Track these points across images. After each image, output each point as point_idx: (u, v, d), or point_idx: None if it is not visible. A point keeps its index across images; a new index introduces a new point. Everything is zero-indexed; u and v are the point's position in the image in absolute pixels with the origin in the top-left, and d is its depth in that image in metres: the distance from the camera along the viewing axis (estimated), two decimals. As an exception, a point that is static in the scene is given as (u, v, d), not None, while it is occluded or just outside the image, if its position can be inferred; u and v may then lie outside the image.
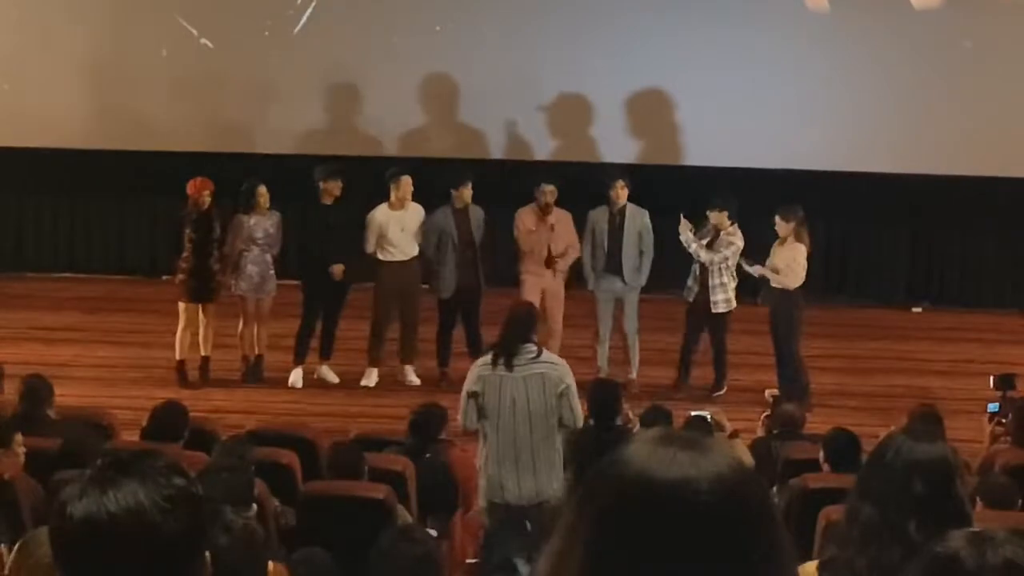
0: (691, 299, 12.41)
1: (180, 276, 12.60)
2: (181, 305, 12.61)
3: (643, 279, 12.62)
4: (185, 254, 12.54)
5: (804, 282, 12.11)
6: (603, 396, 8.99)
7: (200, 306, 12.55)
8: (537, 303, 12.54)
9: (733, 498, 1.92)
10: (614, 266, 12.55)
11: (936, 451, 3.64)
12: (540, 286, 12.60)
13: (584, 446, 8.59)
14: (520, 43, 15.12)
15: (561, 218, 12.62)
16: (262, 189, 12.56)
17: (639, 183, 12.80)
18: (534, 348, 8.29)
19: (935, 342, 14.25)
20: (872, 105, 14.80)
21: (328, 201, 12.65)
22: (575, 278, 12.84)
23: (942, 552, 2.45)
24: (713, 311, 12.29)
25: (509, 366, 8.20)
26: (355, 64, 15.39)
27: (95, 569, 2.33)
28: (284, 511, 7.69)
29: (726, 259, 12.24)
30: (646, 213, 12.60)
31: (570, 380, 8.29)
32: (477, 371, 8.37)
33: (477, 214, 12.74)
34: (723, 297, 12.29)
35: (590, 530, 1.95)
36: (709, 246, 12.26)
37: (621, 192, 12.54)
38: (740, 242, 12.28)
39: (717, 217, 12.32)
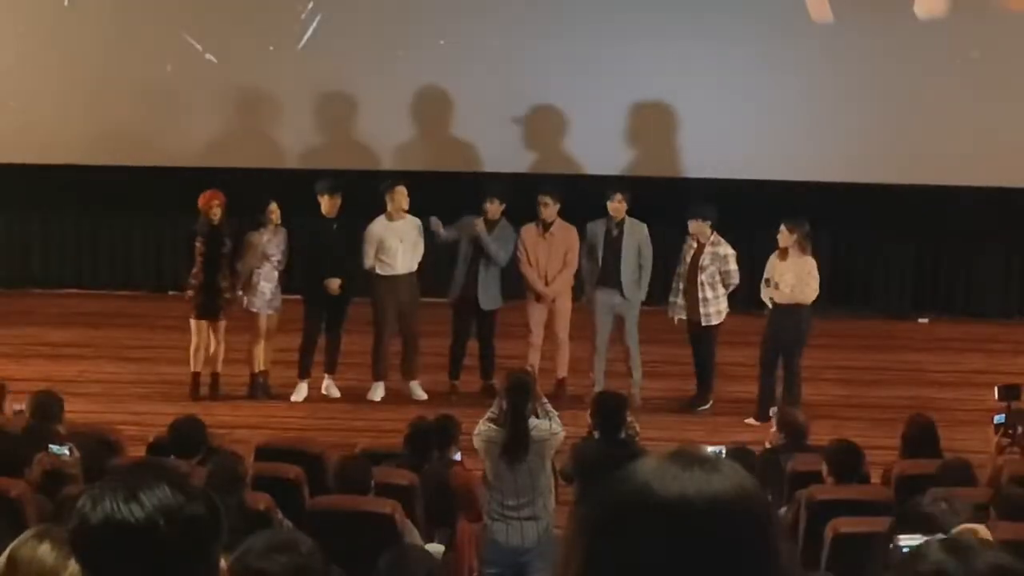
0: (683, 316, 12.35)
1: (189, 292, 12.61)
2: (192, 323, 12.63)
3: (643, 294, 12.58)
4: (195, 269, 12.54)
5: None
6: (608, 408, 8.99)
7: (209, 322, 12.57)
8: (543, 323, 12.62)
9: (728, 521, 1.92)
10: (612, 280, 12.52)
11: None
12: (544, 308, 12.64)
13: (589, 458, 8.61)
14: (522, 57, 15.13)
15: (561, 233, 12.59)
16: (273, 206, 12.54)
17: (639, 195, 12.80)
18: (533, 421, 8.40)
19: (941, 353, 14.23)
20: (877, 115, 14.80)
21: (330, 215, 12.65)
22: (577, 292, 12.82)
23: (924, 568, 2.41)
24: (704, 324, 12.25)
25: (514, 461, 8.30)
26: (359, 79, 15.41)
27: (114, 569, 2.43)
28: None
29: (731, 273, 12.23)
30: (645, 227, 12.56)
31: (558, 443, 8.52)
32: (483, 438, 8.43)
33: (502, 231, 12.66)
34: (715, 310, 12.25)
35: (589, 537, 1.97)
36: (694, 260, 12.20)
37: (619, 206, 12.52)
38: (731, 250, 12.27)
39: (699, 227, 12.24)
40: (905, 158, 14.90)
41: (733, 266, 12.25)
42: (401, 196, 12.63)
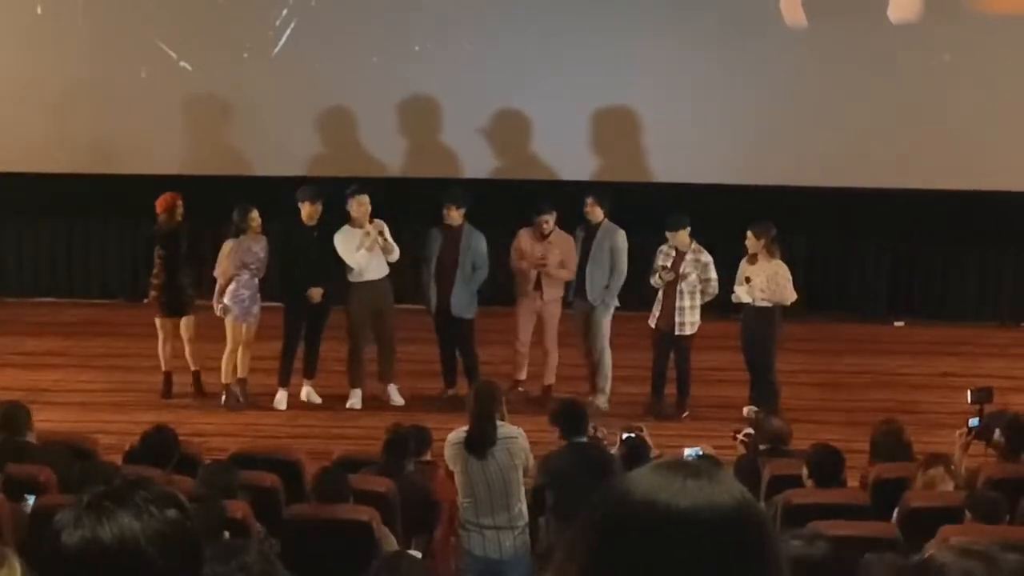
0: (654, 324, 12.27)
1: (152, 292, 12.76)
2: (157, 321, 12.76)
3: (609, 298, 12.47)
4: (155, 270, 12.70)
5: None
6: (570, 413, 9.02)
7: (176, 321, 12.64)
8: (531, 328, 12.61)
9: (742, 529, 1.92)
10: (580, 283, 12.51)
11: None
12: (533, 309, 12.63)
13: (561, 466, 8.63)
14: (499, 63, 15.13)
15: (560, 239, 12.54)
16: (254, 213, 12.52)
17: (618, 200, 12.81)
18: (500, 423, 8.47)
19: (916, 356, 14.27)
20: (850, 119, 14.83)
21: (310, 222, 12.60)
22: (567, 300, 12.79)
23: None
24: (678, 333, 12.15)
25: (481, 455, 8.36)
26: (334, 85, 15.38)
27: None
28: (268, 539, 7.64)
29: (711, 282, 12.13)
30: (621, 233, 12.52)
31: (528, 449, 8.53)
32: (451, 443, 8.49)
33: (473, 238, 12.64)
34: (690, 320, 12.14)
35: (589, 553, 1.95)
36: (674, 268, 12.09)
37: (591, 209, 12.51)
38: (710, 257, 12.19)
39: (681, 238, 12.15)
40: (878, 162, 14.93)
41: (714, 274, 12.16)
42: (360, 208, 12.51)
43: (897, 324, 15.54)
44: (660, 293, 12.22)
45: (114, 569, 2.30)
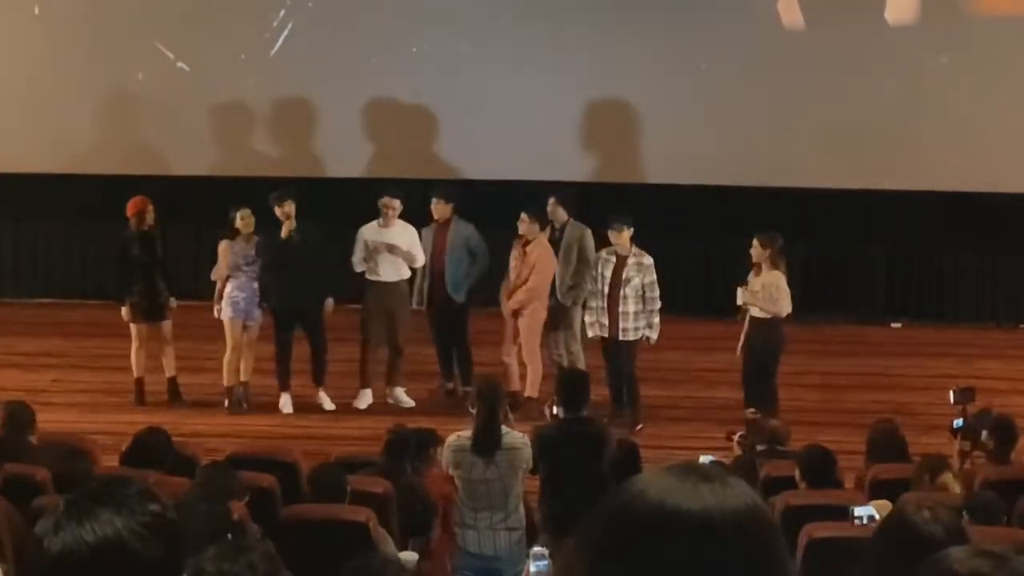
0: (605, 334, 12.00)
1: (131, 298, 12.63)
2: (133, 328, 12.66)
3: (575, 294, 12.26)
4: (132, 276, 12.59)
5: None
6: (572, 384, 9.05)
7: (151, 325, 12.60)
8: (510, 338, 12.52)
9: (752, 533, 1.92)
10: (554, 283, 12.40)
11: None
12: (512, 323, 12.50)
13: (553, 440, 8.67)
14: (497, 63, 15.14)
15: (536, 249, 12.33)
16: (244, 212, 12.44)
17: (614, 202, 12.80)
18: (505, 428, 8.42)
19: (913, 358, 14.26)
20: (848, 121, 14.83)
21: (286, 225, 12.40)
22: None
23: (962, 570, 2.45)
24: (622, 339, 11.92)
25: (487, 454, 8.33)
26: (331, 86, 15.38)
27: None
28: (265, 540, 7.62)
29: (654, 284, 11.91)
30: (586, 231, 12.37)
31: (530, 458, 8.47)
32: (452, 448, 8.45)
33: (462, 230, 12.66)
34: (634, 325, 11.91)
35: (597, 551, 1.94)
36: (615, 272, 11.90)
37: (553, 210, 12.42)
38: (651, 260, 11.98)
39: (622, 238, 11.92)
40: (876, 163, 14.93)
41: (655, 276, 11.94)
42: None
43: (895, 325, 15.53)
44: (605, 301, 11.99)
45: (100, 568, 2.29)
